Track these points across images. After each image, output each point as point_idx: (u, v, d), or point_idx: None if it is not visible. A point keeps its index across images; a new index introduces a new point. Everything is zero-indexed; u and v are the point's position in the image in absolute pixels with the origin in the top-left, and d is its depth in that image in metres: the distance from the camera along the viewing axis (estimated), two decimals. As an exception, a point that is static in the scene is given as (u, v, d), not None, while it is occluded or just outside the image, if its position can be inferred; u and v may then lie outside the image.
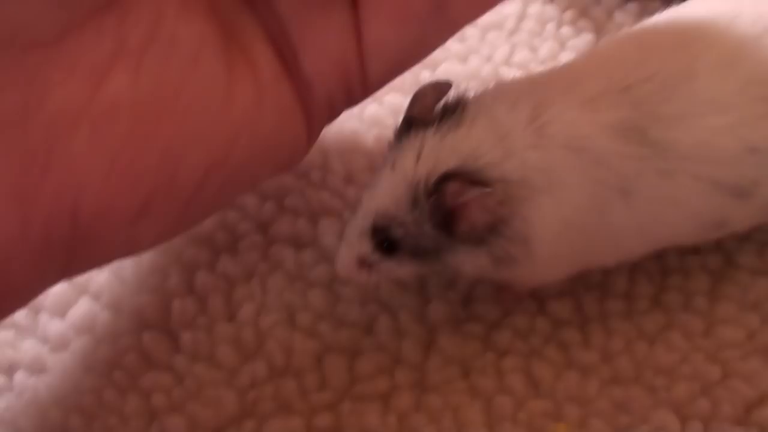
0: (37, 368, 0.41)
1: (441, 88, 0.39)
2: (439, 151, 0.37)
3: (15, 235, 0.33)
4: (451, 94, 0.39)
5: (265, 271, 0.43)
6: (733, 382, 0.39)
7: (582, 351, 0.40)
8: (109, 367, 0.41)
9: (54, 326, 0.42)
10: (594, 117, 0.37)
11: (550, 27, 0.49)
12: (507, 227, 0.37)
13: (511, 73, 0.47)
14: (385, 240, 0.38)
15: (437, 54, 0.44)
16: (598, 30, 0.49)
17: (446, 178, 0.36)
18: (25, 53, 0.33)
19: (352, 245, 0.38)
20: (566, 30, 0.49)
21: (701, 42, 0.38)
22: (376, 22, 0.38)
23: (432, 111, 0.38)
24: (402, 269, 0.39)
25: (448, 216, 0.36)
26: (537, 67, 0.47)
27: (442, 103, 0.38)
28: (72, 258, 0.35)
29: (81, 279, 0.42)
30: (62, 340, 0.42)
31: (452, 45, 0.47)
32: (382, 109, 0.46)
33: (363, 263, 0.39)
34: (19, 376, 0.41)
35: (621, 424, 0.39)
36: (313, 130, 0.39)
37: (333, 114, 0.40)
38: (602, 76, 0.37)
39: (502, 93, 0.38)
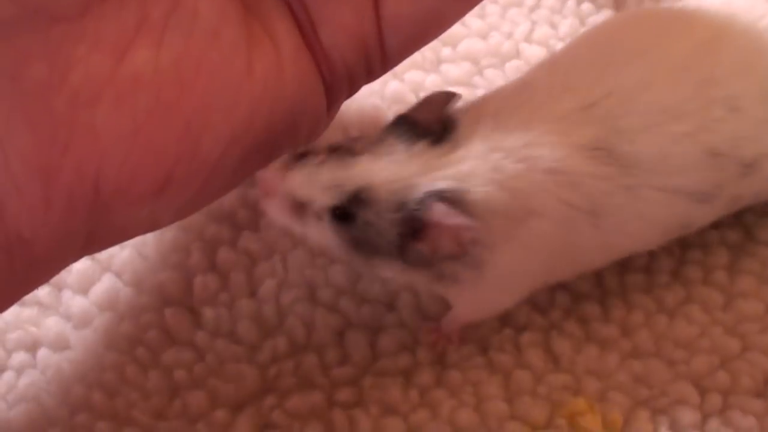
0: (60, 345, 0.42)
1: (449, 98, 0.38)
2: (437, 167, 0.36)
3: (38, 208, 0.34)
4: (455, 106, 0.38)
5: (287, 248, 0.43)
6: (752, 355, 0.39)
7: (602, 325, 0.40)
8: (132, 344, 0.41)
9: (77, 303, 0.42)
10: (567, 139, 0.36)
11: (571, 3, 0.49)
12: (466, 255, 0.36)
13: (531, 51, 0.47)
14: (345, 210, 0.36)
15: (458, 30, 0.44)
16: (618, 6, 0.49)
17: (436, 196, 0.35)
18: (49, 27, 0.33)
19: (312, 186, 0.37)
20: (587, 6, 0.49)
21: (656, 48, 0.38)
22: None
23: (436, 119, 0.37)
24: (329, 240, 0.37)
25: (416, 231, 0.36)
26: (557, 45, 0.47)
27: (443, 113, 0.37)
28: (94, 232, 0.35)
29: (103, 256, 0.43)
30: (85, 317, 0.42)
31: (473, 21, 0.47)
32: (403, 86, 0.46)
33: (300, 209, 0.37)
34: (43, 353, 0.42)
35: (640, 397, 0.39)
36: (333, 102, 0.40)
37: (353, 87, 0.40)
38: (568, 93, 0.37)
39: (492, 112, 0.37)
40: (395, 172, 0.36)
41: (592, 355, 0.39)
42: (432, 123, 0.37)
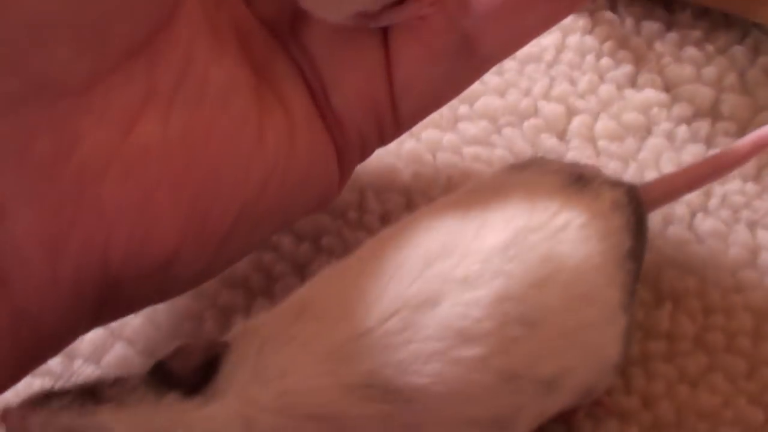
0: (72, 414, 0.41)
1: (209, 349, 0.34)
2: (183, 424, 0.32)
3: (45, 282, 0.33)
4: (214, 353, 0.34)
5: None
6: (777, 426, 0.38)
7: (623, 396, 0.39)
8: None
9: (89, 372, 0.42)
10: (335, 378, 0.33)
11: (590, 58, 0.48)
12: None
13: (549, 108, 0.46)
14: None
15: (475, 88, 0.43)
16: (638, 61, 0.48)
17: None
18: (55, 101, 0.33)
19: None
20: (606, 61, 0.48)
21: (442, 260, 0.34)
22: (405, 60, 0.37)
23: (192, 368, 0.33)
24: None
25: None
26: (576, 101, 0.47)
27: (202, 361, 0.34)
28: (104, 304, 0.35)
29: (115, 324, 0.42)
30: (98, 385, 0.41)
31: (490, 78, 0.47)
32: (420, 145, 0.46)
33: None
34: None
35: (663, 471, 0.38)
36: (346, 169, 0.39)
37: (365, 153, 0.39)
38: (343, 319, 0.33)
39: (257, 348, 0.33)
40: (136, 426, 0.32)
41: (612, 429, 0.38)
42: (187, 372, 0.33)
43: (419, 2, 0.37)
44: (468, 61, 0.38)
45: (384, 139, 0.39)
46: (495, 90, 0.47)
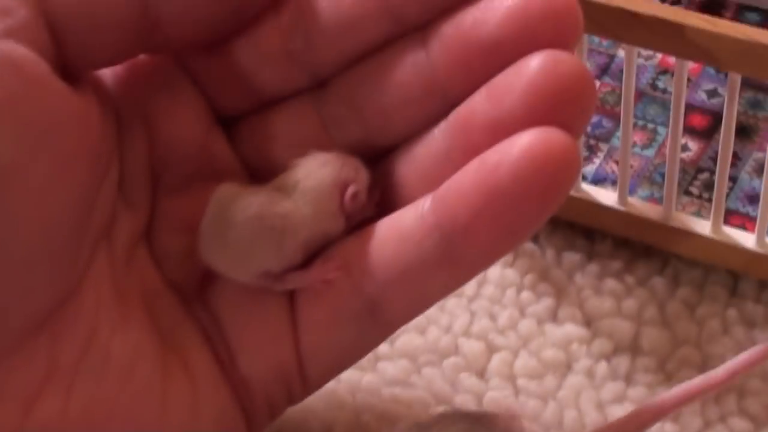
0: None
1: None
2: None
3: None
4: None
5: None
6: None
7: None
8: None
9: None
10: None
11: (510, 292, 0.48)
12: None
13: (469, 345, 0.46)
14: None
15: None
16: (559, 294, 0.48)
17: None
18: None
19: None
20: (526, 295, 0.48)
21: None
22: (311, 325, 0.38)
23: None
24: None
25: None
26: (496, 338, 0.47)
27: None
28: None
29: None
30: None
31: (412, 314, 0.47)
32: (341, 386, 0.45)
33: None
34: None
35: None
36: (255, 430, 0.39)
37: (274, 413, 0.39)
38: None
39: None
40: None
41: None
42: None
43: (324, 266, 0.37)
44: (373, 325, 0.38)
45: (293, 400, 0.39)
46: (415, 327, 0.47)
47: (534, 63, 0.35)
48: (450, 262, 0.36)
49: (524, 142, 0.34)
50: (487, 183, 0.35)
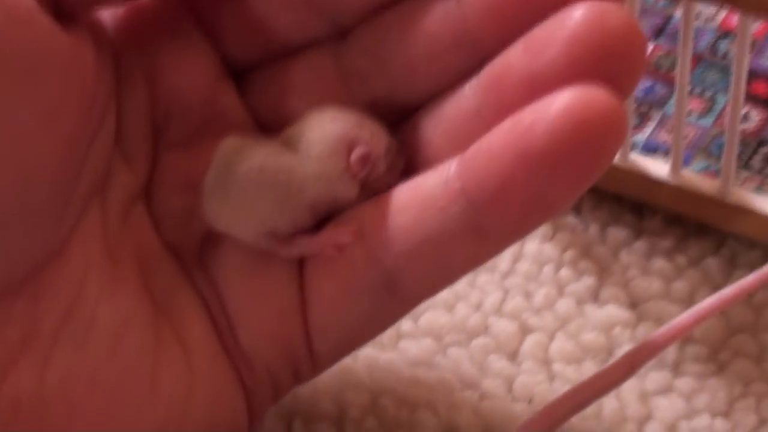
0: None
1: None
2: None
3: None
4: None
5: None
6: None
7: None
8: None
9: None
10: None
11: (548, 269, 0.44)
12: None
13: (501, 325, 0.43)
14: None
15: (421, 301, 0.40)
16: (602, 273, 0.44)
17: None
18: None
19: None
20: (565, 273, 0.44)
21: None
22: (321, 299, 0.34)
23: None
24: None
25: None
26: (530, 318, 0.43)
27: None
28: None
29: None
30: None
31: (440, 290, 0.43)
32: (357, 365, 0.42)
33: None
34: None
35: None
36: (255, 412, 0.36)
37: (279, 394, 0.36)
38: None
39: None
40: None
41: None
42: None
43: (335, 230, 0.34)
44: (389, 299, 0.34)
45: (300, 379, 0.36)
46: (443, 303, 0.43)
47: (578, 13, 0.31)
48: (476, 232, 0.32)
49: (564, 100, 0.31)
50: (520, 145, 0.31)
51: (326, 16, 0.36)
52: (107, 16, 0.36)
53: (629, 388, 0.41)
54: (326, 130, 0.34)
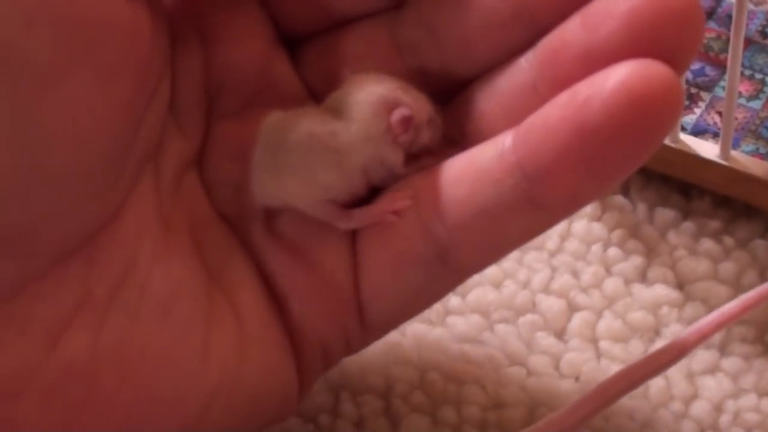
0: None
1: None
2: None
3: None
4: None
5: None
6: None
7: None
8: None
9: None
10: None
11: (596, 248, 0.44)
12: None
13: (549, 303, 0.43)
14: None
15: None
16: (649, 252, 0.44)
17: None
18: None
19: None
20: (613, 252, 0.44)
21: None
22: (373, 268, 0.34)
23: None
24: None
25: None
26: (578, 296, 0.43)
27: None
28: None
29: None
30: None
31: (488, 268, 0.43)
32: (404, 341, 0.42)
33: None
34: None
35: None
36: (306, 381, 0.36)
37: (329, 363, 0.36)
38: None
39: None
40: None
41: None
42: None
43: (391, 197, 0.34)
44: (441, 272, 0.34)
45: (351, 349, 0.36)
46: (491, 280, 0.43)
47: None
48: (531, 205, 0.32)
49: (621, 74, 0.30)
50: (576, 119, 0.31)
51: None
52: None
53: (676, 367, 0.41)
54: (367, 93, 0.34)
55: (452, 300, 0.43)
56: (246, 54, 0.36)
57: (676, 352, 0.38)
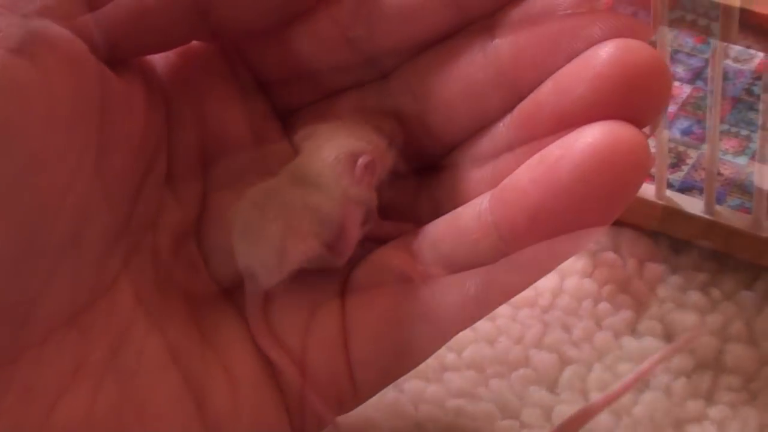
0: None
1: None
2: None
3: None
4: None
5: None
6: None
7: None
8: None
9: None
10: None
11: (587, 304, 0.46)
12: None
13: (541, 357, 0.44)
14: None
15: (465, 334, 0.41)
16: (639, 306, 0.45)
17: None
18: None
19: None
20: (604, 307, 0.45)
21: None
22: (362, 328, 0.36)
23: None
24: None
25: None
26: (569, 350, 0.44)
27: None
28: None
29: None
30: None
31: (482, 324, 0.45)
32: (402, 397, 0.43)
33: None
34: None
35: None
36: (302, 436, 0.37)
37: (323, 422, 0.37)
38: None
39: None
40: None
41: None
42: None
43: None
44: (428, 328, 0.36)
45: (343, 408, 0.37)
46: (485, 337, 0.45)
47: (603, 51, 0.33)
48: (508, 264, 0.34)
49: (588, 135, 0.32)
50: (546, 180, 0.32)
51: (368, 58, 0.37)
52: (158, 60, 0.38)
53: (664, 415, 0.42)
54: (322, 157, 0.36)
55: (448, 356, 0.44)
56: (239, 126, 0.38)
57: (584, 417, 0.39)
